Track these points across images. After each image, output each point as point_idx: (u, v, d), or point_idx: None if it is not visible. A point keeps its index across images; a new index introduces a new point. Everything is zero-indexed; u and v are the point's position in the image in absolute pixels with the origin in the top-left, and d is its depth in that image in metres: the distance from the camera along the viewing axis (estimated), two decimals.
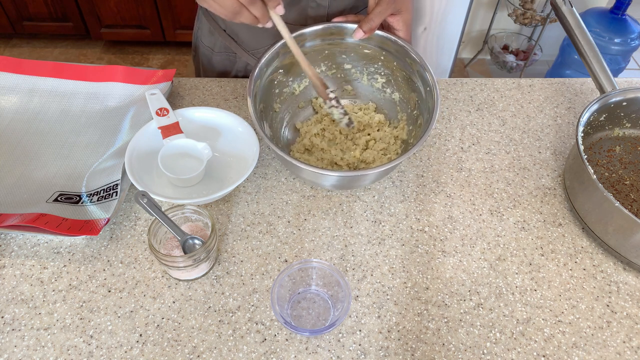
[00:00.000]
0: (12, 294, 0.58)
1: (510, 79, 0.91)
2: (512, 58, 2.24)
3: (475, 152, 0.77)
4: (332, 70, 0.78)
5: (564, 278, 0.62)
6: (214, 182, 0.69)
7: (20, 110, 0.76)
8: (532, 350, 0.55)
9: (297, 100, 0.78)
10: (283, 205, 0.68)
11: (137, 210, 0.67)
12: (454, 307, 0.58)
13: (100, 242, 0.63)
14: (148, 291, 0.59)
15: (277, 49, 0.68)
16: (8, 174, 0.68)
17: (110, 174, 0.66)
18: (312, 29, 0.70)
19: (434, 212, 0.68)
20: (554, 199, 0.71)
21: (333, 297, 0.57)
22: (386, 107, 0.78)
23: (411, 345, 0.55)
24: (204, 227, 0.62)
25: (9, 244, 0.62)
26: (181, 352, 0.54)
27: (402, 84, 0.74)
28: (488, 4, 2.23)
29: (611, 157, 0.75)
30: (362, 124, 0.76)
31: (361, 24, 0.67)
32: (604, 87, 0.72)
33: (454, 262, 0.63)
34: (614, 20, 1.93)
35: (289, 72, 0.75)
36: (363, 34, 0.67)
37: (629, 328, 0.57)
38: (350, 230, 0.66)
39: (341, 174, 0.60)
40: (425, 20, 1.74)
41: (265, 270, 0.61)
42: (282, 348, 0.54)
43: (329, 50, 0.74)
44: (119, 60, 2.39)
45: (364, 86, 0.79)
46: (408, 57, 0.70)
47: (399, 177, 0.73)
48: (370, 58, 0.75)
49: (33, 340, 0.54)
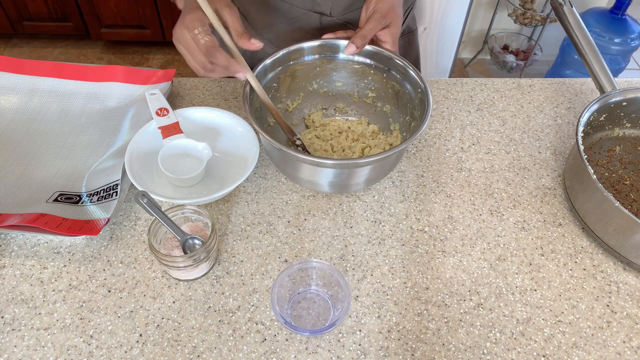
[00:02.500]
0: (12, 294, 0.58)
1: (510, 79, 0.91)
2: (512, 58, 2.24)
3: (475, 152, 0.77)
4: (323, 89, 0.78)
5: (564, 278, 0.62)
6: (214, 182, 0.70)
7: (20, 110, 0.76)
8: (532, 350, 0.55)
9: (291, 117, 0.78)
10: (283, 205, 0.68)
11: (137, 210, 0.67)
12: (454, 307, 0.58)
13: (100, 242, 0.63)
14: (148, 291, 0.59)
15: (266, 65, 0.69)
16: (8, 174, 0.68)
17: (110, 174, 0.66)
18: (310, 44, 0.72)
19: (434, 212, 0.68)
20: (554, 199, 0.71)
21: (333, 297, 0.57)
22: (378, 120, 0.79)
23: (411, 345, 0.55)
24: (204, 227, 0.62)
25: (9, 244, 0.62)
26: (181, 352, 0.54)
27: (392, 95, 0.75)
28: (488, 4, 2.23)
29: (611, 157, 0.75)
30: (356, 133, 0.77)
31: (354, 39, 0.67)
32: (604, 87, 0.72)
33: (454, 262, 0.63)
34: (614, 20, 1.93)
35: (283, 89, 0.75)
36: (355, 49, 0.67)
37: (629, 328, 0.57)
38: (350, 230, 0.66)
39: (338, 162, 0.61)
40: (425, 20, 1.75)
41: (265, 270, 0.61)
42: (282, 348, 0.54)
43: (320, 68, 0.75)
44: (119, 60, 2.39)
45: (356, 102, 0.80)
46: (395, 66, 0.71)
47: (399, 177, 0.73)
48: (361, 74, 0.75)
49: (33, 340, 0.54)
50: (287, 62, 0.72)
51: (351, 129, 0.78)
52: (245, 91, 0.64)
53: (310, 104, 0.80)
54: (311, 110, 0.80)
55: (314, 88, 0.78)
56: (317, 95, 0.79)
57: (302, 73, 0.75)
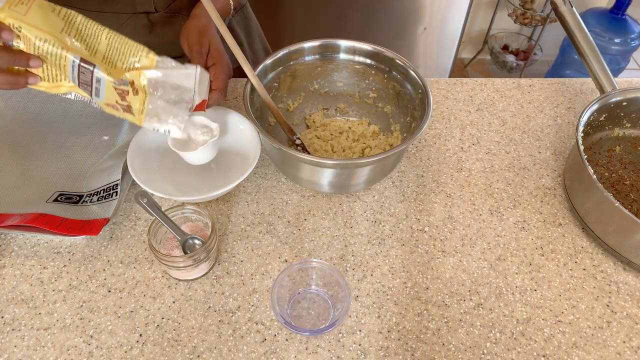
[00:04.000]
0: (12, 294, 0.58)
1: (510, 79, 0.91)
2: (512, 58, 2.24)
3: (475, 152, 0.77)
4: (324, 89, 0.78)
5: (564, 278, 0.62)
6: (214, 180, 0.69)
7: (20, 110, 0.76)
8: (532, 350, 0.55)
9: (292, 117, 0.78)
10: (283, 205, 0.68)
11: (137, 210, 0.67)
12: (454, 307, 0.58)
13: (100, 242, 0.63)
14: (148, 291, 0.59)
15: (267, 65, 0.69)
16: (8, 174, 0.68)
17: (110, 174, 0.66)
18: (310, 44, 0.72)
19: (434, 212, 0.68)
20: (554, 199, 0.71)
21: (333, 297, 0.57)
22: (379, 121, 0.79)
23: (411, 345, 0.55)
24: (204, 227, 0.62)
25: (9, 244, 0.62)
26: (181, 352, 0.54)
27: (393, 95, 0.75)
28: (488, 4, 2.23)
29: (611, 157, 0.75)
30: (356, 134, 0.77)
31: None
32: (604, 87, 0.73)
33: (454, 262, 0.63)
34: (614, 20, 1.93)
35: (283, 89, 0.75)
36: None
37: (629, 328, 0.57)
38: (350, 230, 0.66)
39: (338, 162, 0.61)
40: (425, 20, 1.75)
41: (265, 270, 0.61)
42: (282, 348, 0.54)
43: (321, 68, 0.75)
44: None
45: (357, 103, 0.80)
46: (396, 67, 0.71)
47: (399, 177, 0.73)
48: (362, 74, 0.75)
49: (33, 340, 0.54)
50: (288, 62, 0.72)
51: (352, 129, 0.78)
52: (245, 91, 0.64)
53: (311, 104, 0.80)
54: (312, 110, 0.80)
55: (315, 88, 0.78)
56: (318, 95, 0.79)
57: (303, 73, 0.75)
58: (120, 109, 0.58)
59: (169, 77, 0.57)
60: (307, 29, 1.71)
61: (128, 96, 0.56)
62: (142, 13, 0.78)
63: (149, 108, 0.58)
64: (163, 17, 0.80)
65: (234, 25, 0.89)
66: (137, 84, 0.56)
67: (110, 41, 0.55)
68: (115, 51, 0.55)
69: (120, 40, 0.56)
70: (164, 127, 0.59)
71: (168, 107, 0.58)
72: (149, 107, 0.57)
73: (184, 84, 0.58)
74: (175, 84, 0.58)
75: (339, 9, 1.65)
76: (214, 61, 0.66)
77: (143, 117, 0.58)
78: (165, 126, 0.59)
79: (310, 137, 0.76)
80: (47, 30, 0.51)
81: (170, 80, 0.57)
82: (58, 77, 0.54)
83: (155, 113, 0.58)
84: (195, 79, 0.59)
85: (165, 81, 0.57)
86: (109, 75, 0.54)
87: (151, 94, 0.57)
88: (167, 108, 0.58)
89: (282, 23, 1.69)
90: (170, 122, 0.59)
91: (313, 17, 1.69)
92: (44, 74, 0.54)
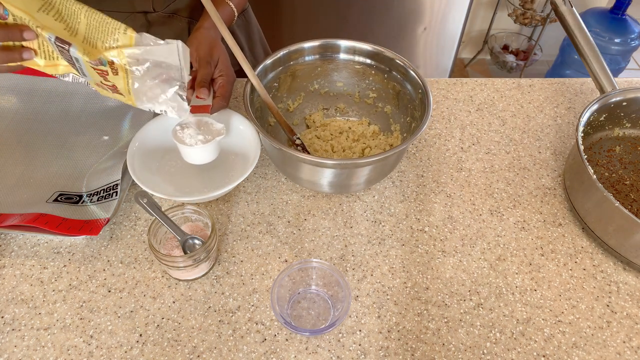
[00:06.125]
0: (12, 294, 0.58)
1: (510, 79, 0.91)
2: (512, 58, 2.24)
3: (475, 152, 0.77)
4: (325, 89, 0.78)
5: (564, 278, 0.62)
6: (214, 180, 0.69)
7: (20, 110, 0.76)
8: (532, 350, 0.55)
9: (292, 117, 0.78)
10: (283, 205, 0.68)
11: (137, 210, 0.67)
12: (454, 307, 0.58)
13: (100, 242, 0.63)
14: (148, 291, 0.59)
15: (266, 65, 0.69)
16: (8, 174, 0.68)
17: (110, 174, 0.66)
18: (310, 44, 0.72)
19: (434, 212, 0.68)
20: (554, 199, 0.71)
21: (333, 297, 0.57)
22: (379, 121, 0.79)
23: (411, 345, 0.55)
24: (204, 227, 0.62)
25: (9, 244, 0.62)
26: (181, 352, 0.54)
27: (393, 95, 0.75)
28: (488, 4, 2.23)
29: (611, 157, 0.75)
30: (356, 134, 0.77)
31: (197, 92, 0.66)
32: (604, 87, 0.73)
33: (454, 262, 0.63)
34: (614, 20, 1.93)
35: (283, 89, 0.75)
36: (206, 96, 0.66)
37: (629, 328, 0.57)
38: (350, 230, 0.66)
39: (338, 162, 0.61)
40: (425, 20, 1.75)
41: (265, 270, 0.61)
42: (282, 348, 0.54)
43: (321, 68, 0.75)
44: None
45: (357, 103, 0.80)
46: (396, 67, 0.71)
47: (399, 177, 0.73)
48: (362, 74, 0.75)
49: (33, 340, 0.54)
50: (288, 62, 0.72)
51: (352, 129, 0.78)
52: (245, 91, 0.64)
53: (311, 104, 0.80)
54: (312, 110, 0.80)
55: (315, 88, 0.78)
56: (318, 95, 0.79)
57: (303, 73, 0.75)
58: (109, 90, 0.56)
59: (150, 53, 0.54)
60: (307, 29, 1.71)
61: (108, 76, 0.54)
62: (140, 13, 0.78)
63: (135, 87, 0.55)
64: (161, 17, 0.80)
65: (235, 29, 0.89)
66: (118, 63, 0.53)
67: (89, 20, 0.53)
68: (94, 30, 0.53)
69: (99, 19, 0.53)
70: (158, 107, 0.58)
71: (156, 85, 0.56)
72: (135, 85, 0.55)
73: (168, 61, 0.55)
74: (157, 61, 0.55)
75: (339, 9, 1.65)
76: (222, 73, 0.69)
77: (133, 97, 0.57)
78: (159, 106, 0.58)
79: (310, 137, 0.76)
80: (23, 8, 0.49)
81: (152, 57, 0.54)
82: (54, 55, 0.53)
83: (143, 92, 0.56)
84: (179, 54, 0.55)
85: (146, 58, 0.54)
86: (85, 55, 0.51)
87: (133, 73, 0.54)
88: (155, 86, 0.56)
89: (283, 23, 1.69)
90: (161, 101, 0.57)
91: (313, 17, 1.69)
92: (40, 49, 0.53)
